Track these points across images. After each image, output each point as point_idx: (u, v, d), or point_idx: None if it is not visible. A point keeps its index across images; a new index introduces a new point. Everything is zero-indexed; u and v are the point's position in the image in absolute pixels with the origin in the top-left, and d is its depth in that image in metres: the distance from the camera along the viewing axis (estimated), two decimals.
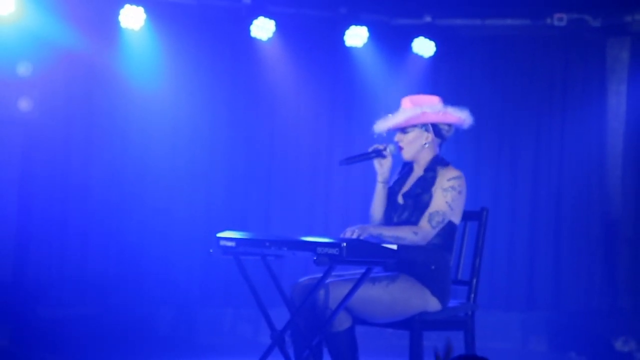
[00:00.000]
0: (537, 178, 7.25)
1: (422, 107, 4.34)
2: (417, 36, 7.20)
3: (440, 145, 4.40)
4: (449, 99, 7.62)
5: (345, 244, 3.75)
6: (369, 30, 7.09)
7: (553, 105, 7.28)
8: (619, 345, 6.38)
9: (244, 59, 7.05)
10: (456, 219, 4.30)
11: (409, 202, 4.30)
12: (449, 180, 4.25)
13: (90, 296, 6.59)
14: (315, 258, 3.81)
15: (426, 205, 4.25)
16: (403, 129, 4.35)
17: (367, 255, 3.86)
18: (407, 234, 4.16)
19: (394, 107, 4.45)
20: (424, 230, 4.19)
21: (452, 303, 4.38)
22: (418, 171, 4.38)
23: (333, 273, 4.03)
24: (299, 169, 7.24)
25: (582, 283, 7.11)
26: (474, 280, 4.42)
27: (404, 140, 4.36)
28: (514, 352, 6.92)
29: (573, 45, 7.24)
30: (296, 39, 7.11)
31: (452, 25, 7.32)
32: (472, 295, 4.41)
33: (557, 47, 7.27)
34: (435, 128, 4.36)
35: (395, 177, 4.48)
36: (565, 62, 7.27)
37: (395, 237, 4.12)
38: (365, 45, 7.14)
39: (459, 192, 4.25)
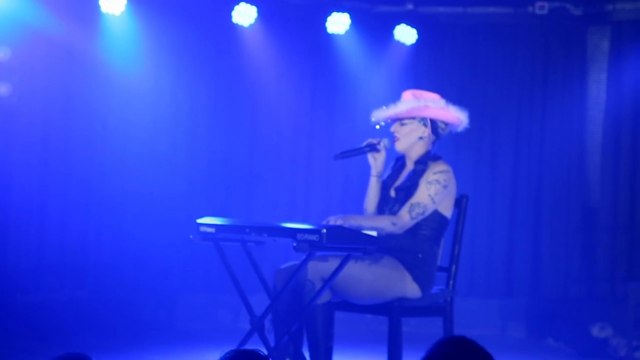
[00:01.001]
0: (517, 166, 7.28)
1: (426, 101, 4.36)
2: (398, 23, 7.20)
3: (433, 143, 4.42)
4: (431, 87, 7.64)
5: (325, 231, 3.76)
6: (351, 17, 7.08)
7: (534, 94, 7.30)
8: (595, 331, 6.43)
9: (226, 45, 7.03)
10: (446, 212, 4.32)
11: (400, 195, 4.33)
12: (435, 173, 4.27)
13: (70, 282, 6.57)
14: (295, 244, 3.82)
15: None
16: (401, 120, 4.36)
17: (347, 242, 3.87)
18: (385, 224, 4.18)
19: (376, 94, 4.46)
20: (402, 220, 4.22)
21: (431, 289, 4.40)
22: (410, 165, 4.40)
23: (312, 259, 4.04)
24: (280, 155, 7.24)
25: (560, 270, 7.16)
26: (453, 267, 4.45)
27: (400, 131, 4.37)
28: (493, 338, 6.96)
29: (554, 34, 7.27)
30: (278, 25, 7.10)
31: (434, 12, 7.33)
32: (451, 282, 4.43)
33: (538, 36, 7.30)
34: (433, 124, 4.38)
35: (388, 172, 4.50)
36: (546, 50, 7.30)
37: (374, 227, 4.15)
38: (347, 32, 7.14)
39: (444, 187, 4.27)
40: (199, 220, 4.25)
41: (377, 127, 4.41)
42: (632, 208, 6.96)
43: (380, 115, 4.41)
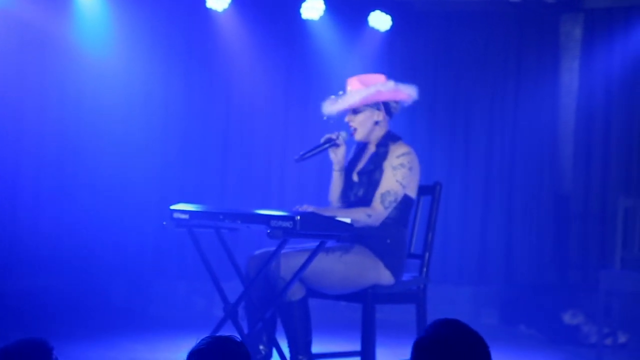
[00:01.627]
0: (490, 153, 7.31)
1: (376, 86, 4.34)
2: (373, 10, 7.20)
3: (388, 123, 4.42)
4: (405, 74, 7.65)
5: (299, 217, 3.76)
6: (325, 3, 7.06)
7: (506, 81, 7.33)
8: (567, 318, 6.48)
9: (199, 29, 6.99)
10: (412, 193, 4.33)
11: (363, 178, 4.33)
12: (398, 157, 4.27)
13: (43, 268, 6.53)
14: (268, 231, 3.82)
15: (378, 180, 4.27)
16: (354, 110, 4.35)
17: (321, 229, 3.88)
18: (360, 216, 4.17)
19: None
20: (377, 212, 4.22)
21: (404, 277, 4.42)
22: (371, 148, 4.40)
23: (287, 246, 4.04)
24: (254, 141, 7.21)
25: (533, 257, 7.21)
26: (427, 254, 4.46)
27: (355, 120, 4.35)
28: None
29: (527, 22, 7.29)
30: (252, 10, 7.07)
31: None
32: (425, 269, 4.45)
33: (511, 23, 7.31)
34: (386, 106, 4.37)
35: (350, 156, 4.50)
36: (520, 38, 7.32)
37: (350, 219, 4.13)
38: (321, 18, 7.12)
39: (410, 169, 4.28)
40: (173, 207, 4.24)
41: (325, 118, 4.39)
42: (604, 195, 7.01)
43: (332, 109, 4.38)
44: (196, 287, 7.01)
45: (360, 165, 4.40)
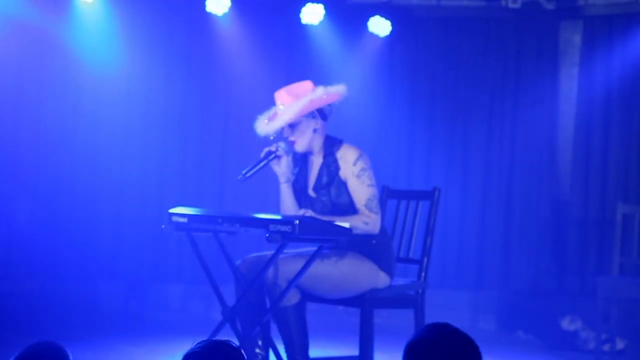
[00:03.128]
0: (489, 159, 7.31)
1: (307, 96, 4.29)
2: (373, 15, 7.20)
3: (325, 127, 4.37)
4: (404, 79, 7.67)
5: (297, 222, 3.76)
6: (325, 8, 7.07)
7: (506, 87, 7.33)
8: (565, 324, 6.48)
9: (199, 34, 6.99)
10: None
11: (322, 193, 4.29)
12: (355, 164, 4.25)
13: (40, 271, 6.52)
14: (267, 235, 3.82)
15: (339, 190, 4.24)
16: (291, 124, 4.30)
17: (320, 233, 3.87)
18: (358, 224, 4.15)
19: (349, 85, 4.42)
20: (372, 219, 4.21)
21: (402, 281, 4.42)
22: (317, 159, 4.36)
23: (284, 251, 4.04)
24: (253, 145, 7.19)
25: (531, 263, 7.21)
26: (425, 259, 4.46)
27: (294, 133, 4.30)
28: (463, 330, 7.00)
29: (526, 28, 7.30)
30: (251, 15, 7.07)
31: (407, 4, 7.33)
32: (423, 274, 4.45)
33: (510, 29, 7.32)
34: (320, 112, 4.34)
35: (294, 170, 4.44)
36: (519, 44, 7.32)
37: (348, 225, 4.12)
38: (321, 23, 7.13)
39: (370, 167, 4.28)
40: (172, 210, 4.24)
41: (271, 137, 4.34)
42: (602, 202, 7.01)
43: (268, 129, 4.30)
44: (194, 291, 7.00)
45: (313, 179, 4.34)
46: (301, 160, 4.41)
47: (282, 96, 4.30)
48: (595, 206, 7.04)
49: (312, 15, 7.06)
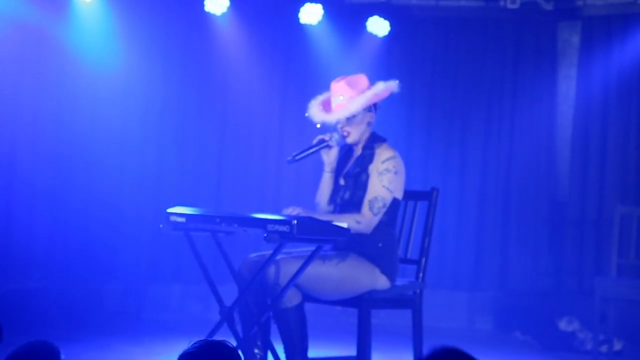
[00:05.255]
0: (487, 159, 7.31)
1: (371, 90, 4.31)
2: (371, 15, 7.20)
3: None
4: (402, 79, 7.64)
5: (295, 222, 3.76)
6: (324, 8, 7.07)
7: (504, 88, 7.34)
8: (562, 324, 6.48)
9: (197, 33, 6.99)
10: (399, 195, 4.32)
11: (349, 181, 4.31)
12: (383, 162, 4.25)
13: (38, 270, 6.52)
14: (265, 235, 3.81)
15: (364, 183, 4.26)
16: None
17: (318, 233, 3.87)
18: (349, 223, 4.15)
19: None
20: (367, 218, 4.20)
21: (400, 282, 4.42)
22: (358, 150, 4.39)
23: (282, 250, 4.03)
24: (250, 145, 7.22)
25: (528, 264, 7.21)
26: (423, 260, 4.46)
27: (349, 125, 4.31)
28: (460, 331, 7.01)
29: (525, 28, 7.30)
30: (250, 14, 7.07)
31: (406, 4, 7.34)
32: (421, 275, 4.44)
33: (509, 30, 7.33)
34: (375, 106, 4.37)
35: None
36: (517, 44, 7.33)
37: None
38: (319, 22, 7.13)
39: (395, 173, 4.26)
40: (169, 210, 4.24)
41: (318, 126, 4.35)
42: (600, 202, 7.02)
43: (329, 118, 4.28)
44: (191, 291, 7.00)
45: (347, 168, 4.39)
46: (345, 150, 4.42)
47: (342, 87, 4.31)
48: (593, 207, 7.04)
49: (311, 15, 7.06)
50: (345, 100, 4.28)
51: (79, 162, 6.65)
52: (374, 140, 4.33)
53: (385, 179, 4.22)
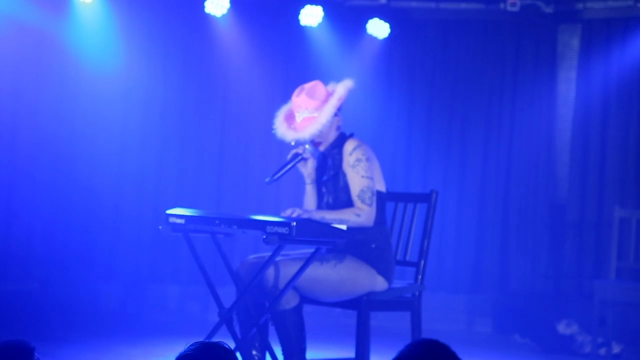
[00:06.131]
0: (486, 162, 7.32)
1: (334, 97, 4.29)
2: (371, 17, 7.21)
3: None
4: (402, 81, 7.67)
5: (295, 223, 3.76)
6: (324, 10, 7.07)
7: (504, 90, 7.34)
8: (561, 327, 6.48)
9: (198, 35, 7.00)
10: (380, 186, 4.31)
11: (329, 186, 4.31)
12: (351, 154, 4.25)
13: (37, 271, 6.52)
14: (264, 237, 3.81)
15: (344, 184, 4.25)
16: None
17: (317, 235, 3.87)
18: (349, 217, 4.15)
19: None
20: (364, 211, 4.20)
21: (399, 284, 4.42)
22: (329, 154, 4.37)
23: (281, 253, 4.04)
24: (250, 147, 7.22)
25: (527, 266, 7.21)
26: (422, 262, 4.46)
27: (321, 135, 4.31)
28: (459, 333, 7.01)
29: (525, 31, 7.31)
30: (250, 16, 7.07)
31: (406, 7, 7.34)
32: (420, 277, 4.45)
33: (509, 32, 7.33)
34: (339, 109, 4.36)
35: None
36: (517, 47, 7.33)
37: (339, 219, 4.12)
38: (320, 25, 7.13)
39: (367, 159, 4.25)
40: (169, 211, 4.24)
41: (292, 143, 4.33)
42: (599, 205, 7.02)
43: (302, 135, 4.24)
44: (190, 292, 7.00)
45: (325, 176, 4.38)
46: (322, 157, 4.42)
47: (305, 100, 4.30)
48: (592, 210, 7.04)
49: (311, 17, 7.07)
50: (310, 112, 4.27)
51: (79, 162, 6.66)
52: (341, 140, 4.32)
53: (360, 169, 4.22)
